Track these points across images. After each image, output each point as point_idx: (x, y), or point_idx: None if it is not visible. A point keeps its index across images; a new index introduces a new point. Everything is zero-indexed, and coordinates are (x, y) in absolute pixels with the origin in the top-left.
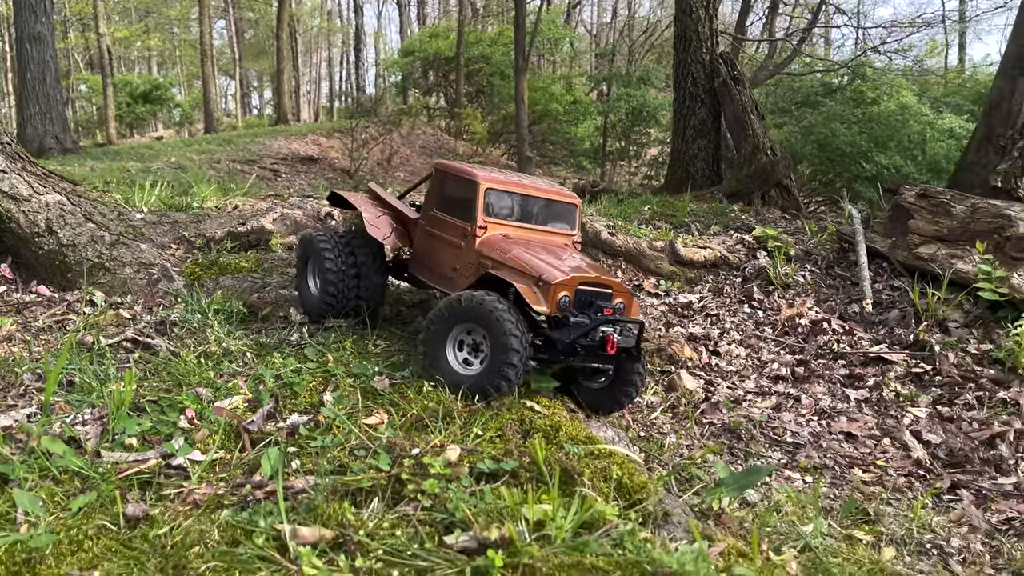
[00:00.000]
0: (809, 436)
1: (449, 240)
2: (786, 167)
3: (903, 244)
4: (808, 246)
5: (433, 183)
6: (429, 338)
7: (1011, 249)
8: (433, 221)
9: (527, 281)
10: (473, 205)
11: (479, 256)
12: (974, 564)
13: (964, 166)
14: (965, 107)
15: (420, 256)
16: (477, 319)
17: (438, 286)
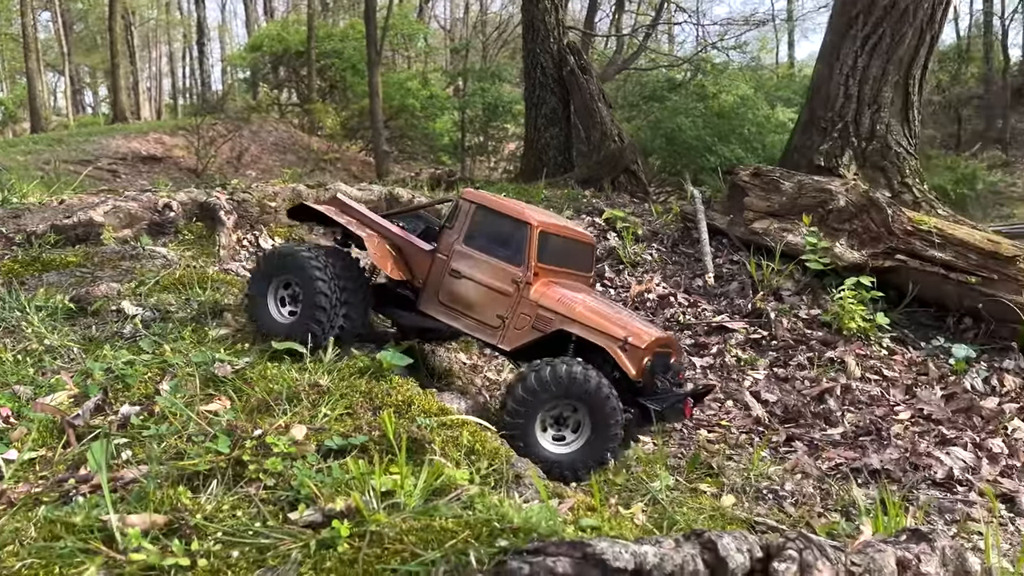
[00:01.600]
0: None
1: (489, 284)
2: (633, 153)
3: (740, 221)
4: (655, 226)
5: (464, 215)
6: (516, 416)
7: (833, 221)
8: (462, 258)
9: (613, 344)
10: (523, 248)
11: (537, 308)
12: (806, 504)
13: (791, 148)
14: (795, 100)
15: (443, 295)
16: (581, 398)
17: (472, 332)
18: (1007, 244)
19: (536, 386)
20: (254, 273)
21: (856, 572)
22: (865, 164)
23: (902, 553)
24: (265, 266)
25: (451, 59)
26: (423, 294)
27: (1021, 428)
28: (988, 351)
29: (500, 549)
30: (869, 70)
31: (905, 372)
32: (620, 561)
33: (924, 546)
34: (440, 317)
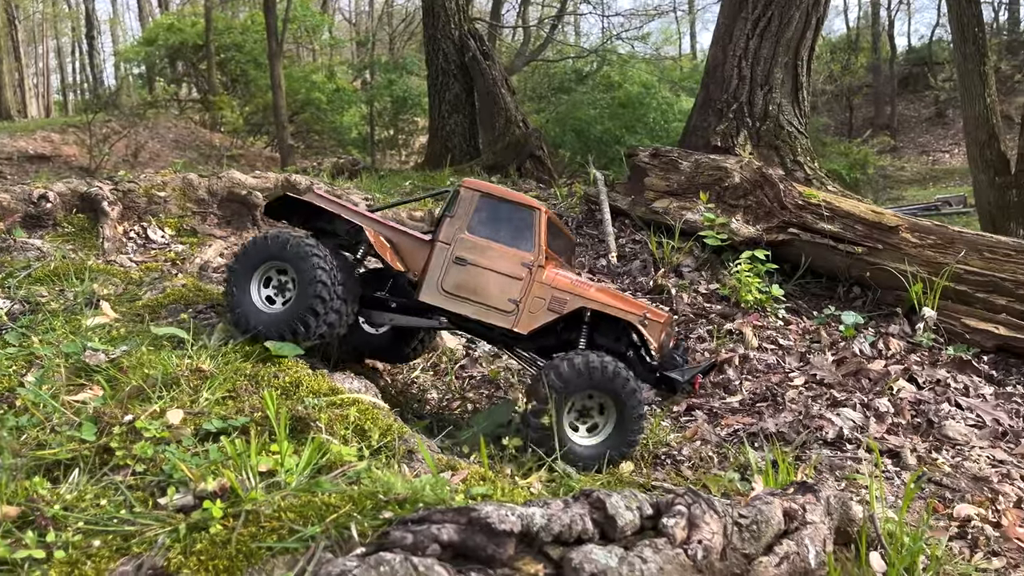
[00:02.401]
0: None
1: (499, 269)
2: (538, 139)
3: (641, 201)
4: (560, 209)
5: (466, 204)
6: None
7: (729, 198)
8: (467, 246)
9: (635, 320)
10: (532, 233)
11: (552, 290)
12: (702, 467)
13: (689, 129)
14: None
15: (447, 284)
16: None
17: (481, 317)
18: (890, 214)
19: (559, 381)
20: (240, 257)
21: (744, 523)
22: (760, 144)
23: (788, 504)
24: (256, 251)
25: (357, 52)
26: (423, 284)
27: (906, 388)
28: (875, 317)
29: (384, 521)
30: (760, 51)
31: (799, 340)
32: (506, 524)
33: (810, 496)
34: (443, 305)
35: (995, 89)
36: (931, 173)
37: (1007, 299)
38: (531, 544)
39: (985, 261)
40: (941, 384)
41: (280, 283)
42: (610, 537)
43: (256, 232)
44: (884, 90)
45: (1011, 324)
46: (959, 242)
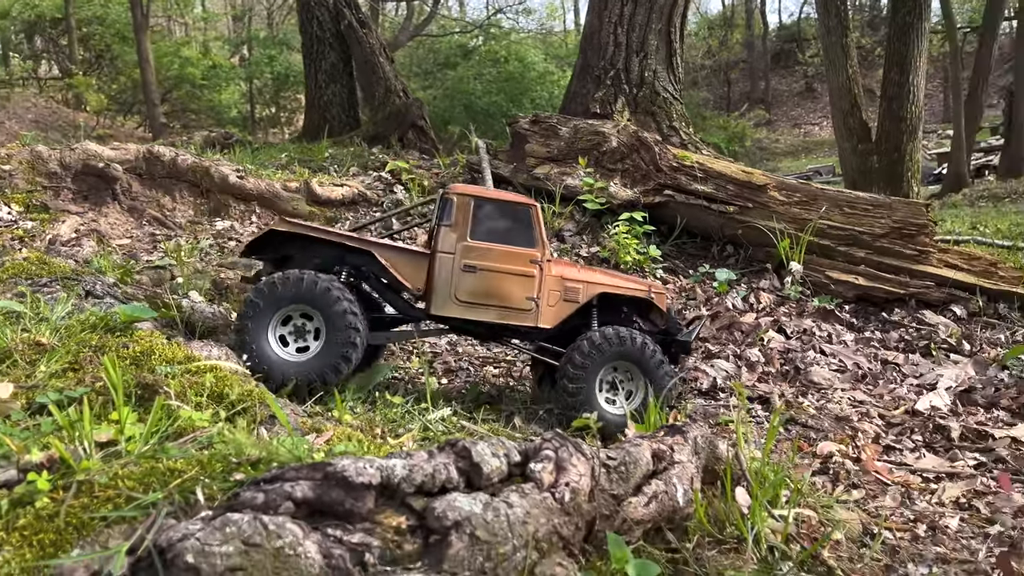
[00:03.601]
0: (446, 345)
1: (510, 270)
2: (419, 108)
3: (523, 168)
4: (443, 178)
5: (461, 210)
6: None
7: (607, 162)
8: (473, 252)
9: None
10: (532, 231)
11: (563, 281)
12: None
13: (569, 96)
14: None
15: (461, 294)
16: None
17: (503, 321)
18: (758, 174)
19: (591, 349)
20: (253, 303)
21: (612, 465)
22: (637, 110)
23: (657, 446)
24: (273, 295)
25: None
26: (433, 298)
27: (776, 338)
28: (747, 273)
29: (235, 483)
30: (635, 18)
31: (677, 298)
32: (364, 476)
33: (678, 437)
34: (462, 315)
35: (856, 61)
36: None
37: (865, 251)
38: (393, 496)
39: (845, 216)
40: (807, 333)
41: (299, 327)
42: (476, 485)
43: (118, 207)
44: (758, 65)
45: (869, 275)
46: (822, 199)
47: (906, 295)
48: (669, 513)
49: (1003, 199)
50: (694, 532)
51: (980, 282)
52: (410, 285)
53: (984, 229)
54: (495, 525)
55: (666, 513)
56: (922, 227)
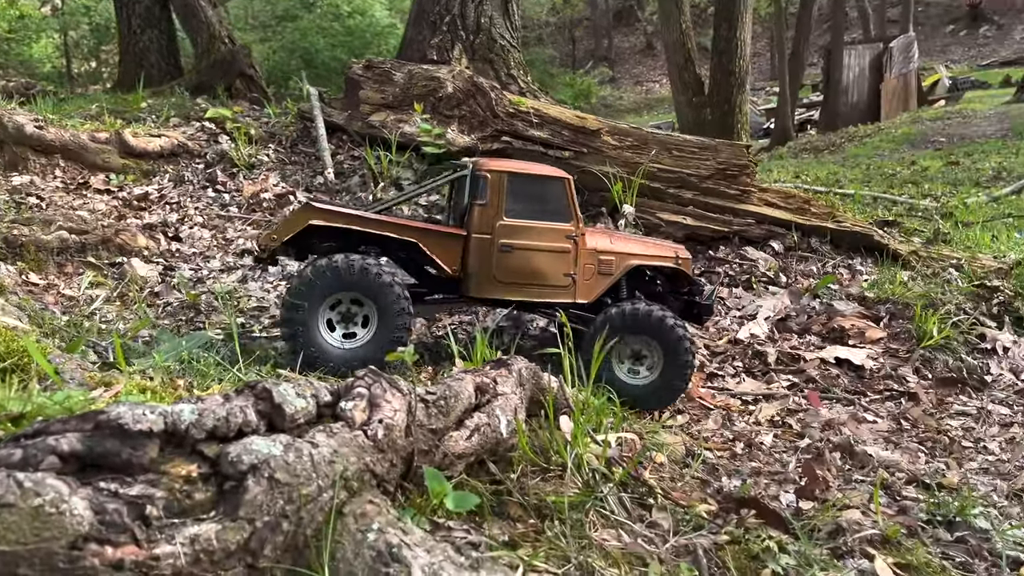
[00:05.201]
0: (275, 299)
1: (548, 247)
2: (247, 56)
3: (358, 115)
4: (273, 128)
5: (494, 188)
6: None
7: (444, 108)
8: (510, 231)
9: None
10: (567, 203)
11: (597, 255)
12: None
13: (405, 43)
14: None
15: (500, 274)
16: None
17: (542, 299)
18: (592, 119)
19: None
20: (300, 291)
21: (430, 400)
22: (475, 57)
23: (481, 379)
24: (323, 283)
25: None
26: (471, 280)
27: None
28: (585, 218)
29: None
30: None
31: None
32: (143, 423)
33: (503, 370)
34: (502, 296)
35: (690, 17)
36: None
37: (693, 192)
38: (182, 444)
39: (674, 159)
40: None
41: (347, 313)
42: (280, 428)
43: None
44: (601, 23)
45: (697, 215)
46: (652, 142)
47: (730, 233)
48: (492, 445)
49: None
50: (519, 462)
51: (795, 219)
52: (448, 268)
53: (805, 178)
54: (297, 466)
55: (489, 445)
56: (743, 168)
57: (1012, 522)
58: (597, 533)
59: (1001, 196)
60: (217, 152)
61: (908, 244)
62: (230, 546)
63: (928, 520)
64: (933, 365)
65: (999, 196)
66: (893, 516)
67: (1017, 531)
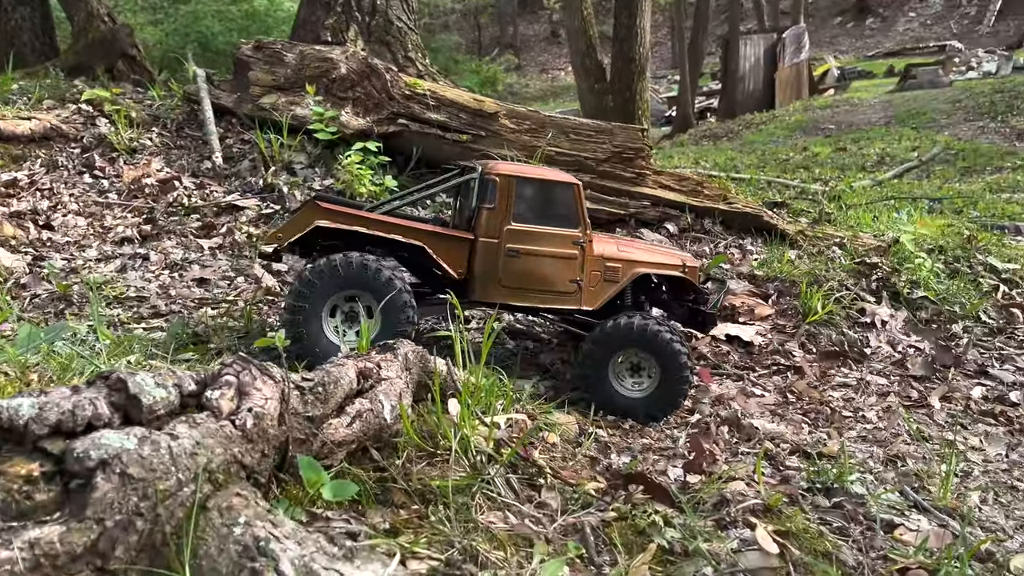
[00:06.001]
0: (157, 289)
1: (555, 253)
2: (129, 35)
3: (248, 97)
4: (157, 111)
5: (502, 192)
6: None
7: (337, 90)
8: (517, 236)
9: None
10: (575, 211)
11: (603, 262)
12: None
13: (299, 24)
14: None
15: (506, 279)
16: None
17: (547, 306)
18: (490, 102)
19: (603, 338)
20: (304, 288)
21: (307, 386)
22: (371, 39)
23: (364, 364)
24: (329, 281)
25: None
26: (476, 284)
27: None
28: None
29: None
30: None
31: None
32: None
33: (388, 355)
34: (507, 301)
35: (591, 4)
36: (551, 90)
37: (590, 175)
38: (22, 441)
39: (571, 142)
40: None
41: (350, 311)
42: (136, 420)
43: None
44: (506, 10)
45: (594, 198)
46: (549, 125)
47: (626, 215)
48: (376, 431)
49: (721, 138)
50: (404, 448)
51: (689, 200)
52: (453, 272)
53: (704, 163)
54: (154, 460)
55: (372, 431)
56: (639, 151)
57: (886, 487)
58: (483, 516)
59: (884, 180)
60: (95, 136)
61: (795, 224)
62: (76, 548)
63: (808, 488)
64: (817, 339)
65: (882, 180)
66: (776, 485)
67: (891, 495)
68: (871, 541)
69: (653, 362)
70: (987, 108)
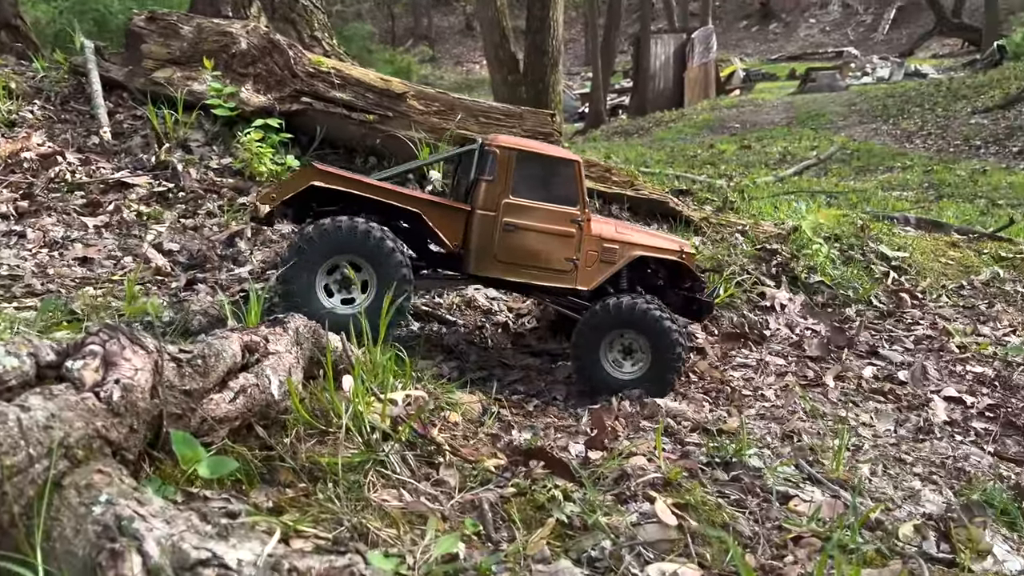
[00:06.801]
0: (34, 267)
1: (551, 230)
2: (12, 6)
3: (140, 71)
4: (41, 83)
5: (502, 165)
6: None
7: (237, 65)
8: (515, 210)
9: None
10: (575, 188)
11: (601, 242)
12: None
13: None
14: None
15: (501, 253)
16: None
17: (542, 283)
18: (397, 82)
19: (596, 320)
20: (299, 251)
21: (184, 358)
22: (275, 16)
23: (249, 337)
24: (323, 244)
25: None
26: (471, 257)
27: None
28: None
29: None
30: None
31: None
32: None
33: (277, 329)
34: (502, 275)
35: None
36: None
37: None
38: None
39: (481, 126)
40: None
41: (343, 277)
42: None
43: None
44: (421, 1)
45: None
46: (459, 108)
47: None
48: (262, 408)
49: (632, 134)
50: (294, 426)
51: (598, 187)
52: (449, 243)
53: (615, 159)
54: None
55: (258, 408)
56: (548, 136)
57: (782, 460)
58: (376, 494)
59: (786, 177)
60: None
61: (700, 212)
62: None
63: (708, 463)
64: (720, 322)
65: (784, 177)
66: (676, 461)
67: (787, 468)
68: (767, 512)
69: (644, 342)
70: (880, 111)
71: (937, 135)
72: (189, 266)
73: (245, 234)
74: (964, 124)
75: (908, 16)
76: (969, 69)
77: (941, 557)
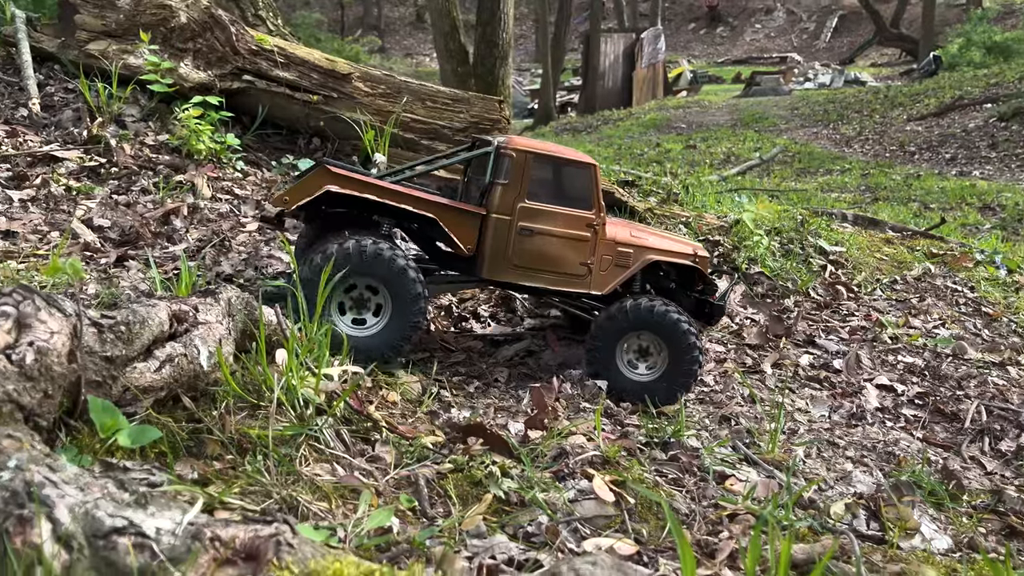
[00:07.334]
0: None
1: (567, 234)
2: None
3: (74, 43)
4: None
5: (518, 168)
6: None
7: (176, 40)
8: (530, 214)
9: (689, 261)
10: (591, 192)
11: (615, 246)
12: None
13: None
14: None
15: (516, 258)
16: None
17: (556, 287)
18: (342, 63)
19: (608, 320)
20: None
21: (107, 324)
22: None
23: (178, 306)
24: (340, 265)
25: None
26: (485, 262)
27: None
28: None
29: None
30: None
31: (257, 190)
32: None
33: (208, 299)
34: (517, 280)
35: None
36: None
37: (447, 145)
38: None
39: (428, 110)
40: None
41: (360, 298)
42: None
43: None
44: None
45: (451, 168)
46: (405, 91)
47: None
48: (190, 378)
49: (581, 132)
50: (223, 398)
51: None
52: (463, 247)
53: None
54: None
55: (186, 378)
56: (496, 122)
57: (719, 441)
58: (309, 468)
59: (729, 176)
60: None
61: (645, 203)
62: None
63: (647, 442)
64: None
65: (727, 176)
66: (615, 440)
67: (723, 449)
68: (703, 491)
69: (661, 344)
70: (821, 116)
71: (874, 140)
72: (121, 243)
73: (181, 212)
74: (900, 131)
75: (849, 25)
76: (906, 78)
77: (871, 534)
